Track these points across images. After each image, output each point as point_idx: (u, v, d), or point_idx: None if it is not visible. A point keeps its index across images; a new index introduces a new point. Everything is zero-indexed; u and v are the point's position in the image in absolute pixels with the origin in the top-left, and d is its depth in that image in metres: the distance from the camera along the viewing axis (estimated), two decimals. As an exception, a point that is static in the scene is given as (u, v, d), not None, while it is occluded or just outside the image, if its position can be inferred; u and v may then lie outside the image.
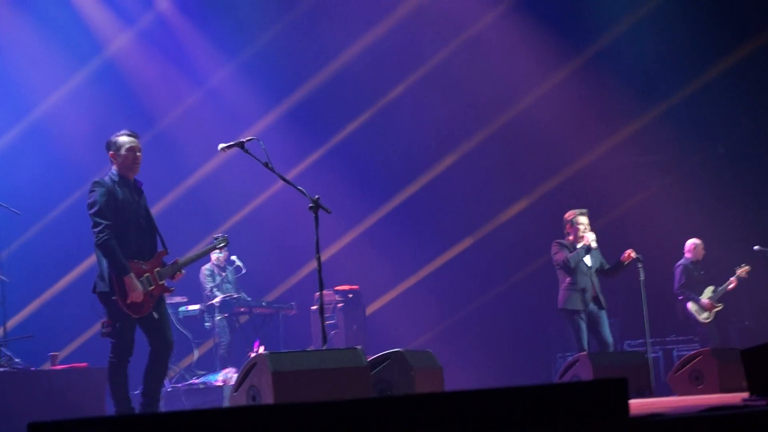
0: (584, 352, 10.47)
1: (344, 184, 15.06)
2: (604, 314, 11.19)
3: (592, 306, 11.15)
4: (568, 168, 15.52)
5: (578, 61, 15.42)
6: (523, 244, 15.67)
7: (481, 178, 15.82)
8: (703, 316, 13.37)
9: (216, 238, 8.82)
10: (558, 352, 15.19)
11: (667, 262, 13.91)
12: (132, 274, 7.47)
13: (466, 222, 16.00)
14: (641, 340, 12.12)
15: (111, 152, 7.72)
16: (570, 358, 10.59)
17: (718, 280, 13.51)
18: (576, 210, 11.44)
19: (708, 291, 13.47)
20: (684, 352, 13.14)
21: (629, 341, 14.35)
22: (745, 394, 5.53)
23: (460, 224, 16.02)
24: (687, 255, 13.66)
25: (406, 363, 7.92)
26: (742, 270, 13.40)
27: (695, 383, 10.22)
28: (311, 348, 13.09)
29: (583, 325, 11.07)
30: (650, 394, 10.08)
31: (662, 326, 14.37)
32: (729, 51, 15.25)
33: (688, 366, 10.38)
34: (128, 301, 7.45)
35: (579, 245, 11.23)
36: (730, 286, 13.41)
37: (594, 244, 11.21)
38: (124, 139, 7.75)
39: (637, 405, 7.00)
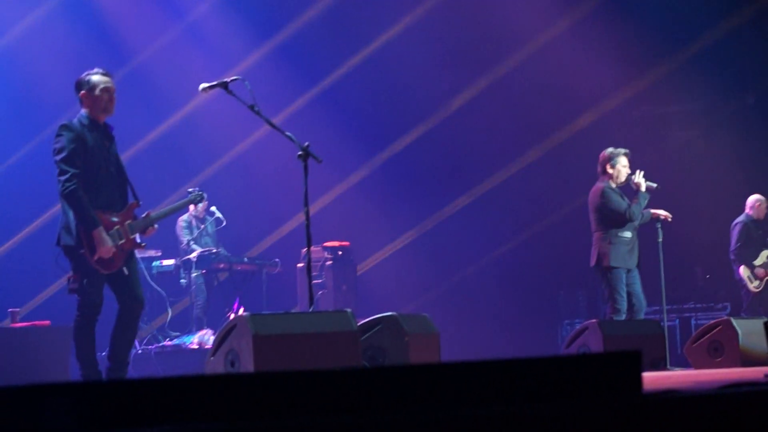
0: (622, 315, 10.47)
1: (336, 130, 15.03)
2: (638, 272, 10.98)
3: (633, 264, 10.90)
4: (581, 119, 15.47)
5: (595, -1, 15.35)
6: (530, 200, 15.69)
7: (486, 128, 15.77)
8: (754, 285, 13.19)
9: (190, 192, 8.79)
10: (565, 319, 15.26)
11: (688, 222, 13.90)
12: (101, 228, 7.45)
13: (467, 175, 15.98)
14: (657, 307, 12.15)
15: (83, 92, 7.65)
16: (578, 326, 10.63)
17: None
18: (616, 149, 10.89)
19: (763, 255, 13.26)
20: (703, 321, 13.18)
21: (643, 308, 14.41)
22: (767, 369, 5.56)
23: (461, 177, 16.01)
24: (748, 212, 13.31)
25: (400, 328, 7.94)
26: None
27: (714, 355, 10.27)
28: (296, 309, 13.13)
29: (624, 285, 10.73)
30: (665, 367, 10.13)
31: (680, 292, 14.41)
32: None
33: (706, 336, 10.42)
34: (96, 257, 7.44)
35: (639, 192, 10.75)
36: None
37: (654, 185, 10.88)
38: (98, 78, 7.68)
39: (651, 379, 7.03)
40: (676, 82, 15.52)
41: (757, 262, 13.22)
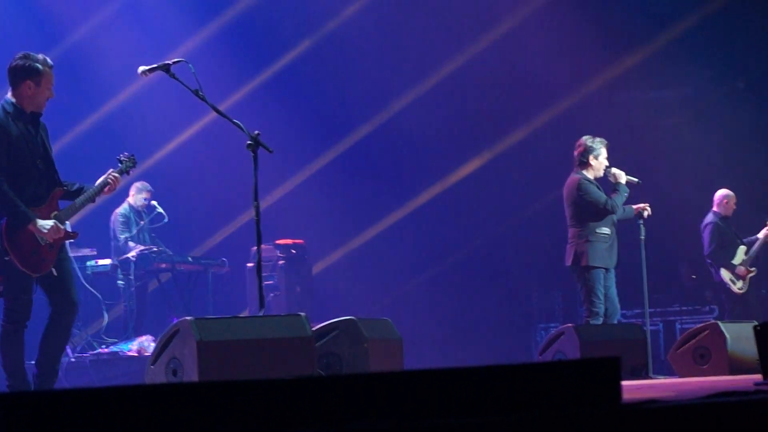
0: (600, 318, 10.52)
1: (290, 118, 15.01)
2: (614, 273, 11.01)
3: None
4: (556, 106, 15.52)
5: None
6: (501, 194, 15.72)
7: (450, 115, 15.80)
8: (738, 286, 13.28)
9: (121, 161, 8.47)
10: (540, 323, 15.32)
11: (673, 218, 13.99)
12: (36, 220, 7.40)
13: (432, 167, 16.00)
14: (639, 310, 12.23)
15: (28, 81, 7.53)
16: (554, 331, 10.68)
17: (744, 237, 13.47)
18: (594, 139, 10.89)
19: (740, 253, 13.34)
20: (689, 325, 13.27)
21: (624, 311, 14.45)
22: (758, 377, 5.61)
23: (426, 170, 16.01)
24: (716, 210, 13.46)
25: (359, 333, 7.95)
26: None
27: (700, 362, 10.34)
28: (246, 313, 13.11)
29: (602, 287, 10.73)
30: (647, 375, 10.20)
31: (664, 294, 14.49)
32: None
33: (692, 342, 10.49)
34: (51, 241, 7.41)
35: (617, 184, 10.77)
36: (763, 244, 13.32)
37: (635, 180, 10.90)
38: (47, 70, 7.59)
39: (631, 387, 7.08)
40: (661, 66, 15.60)
41: (736, 261, 13.32)
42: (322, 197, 15.60)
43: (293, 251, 13.99)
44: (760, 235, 13.34)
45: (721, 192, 13.51)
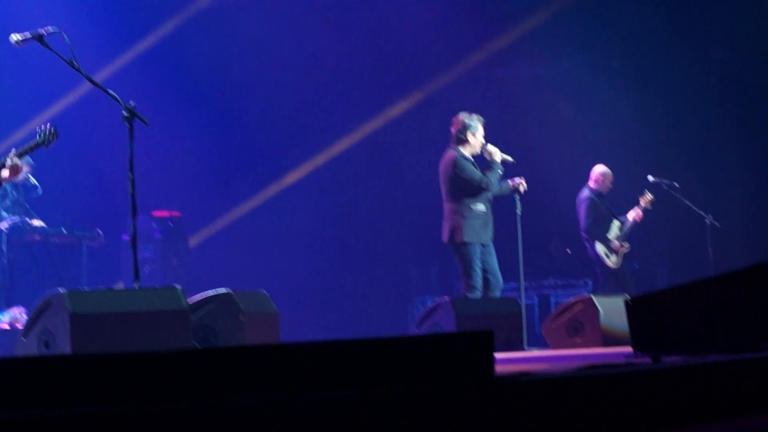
0: (477, 292, 10.62)
1: (166, 88, 14.84)
2: (493, 247, 11.14)
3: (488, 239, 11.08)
4: (434, 82, 15.58)
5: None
6: (377, 168, 15.76)
7: (329, 91, 15.78)
8: (612, 260, 13.43)
9: (41, 132, 8.30)
10: (417, 296, 15.40)
11: (548, 193, 14.14)
12: None
13: (310, 141, 15.97)
14: (514, 284, 12.36)
15: None
16: (431, 304, 10.76)
17: (618, 213, 13.66)
18: (471, 115, 11.03)
19: (615, 228, 13.50)
20: (563, 299, 13.46)
21: (499, 285, 14.64)
22: (628, 349, 5.72)
23: (304, 143, 15.98)
24: (592, 185, 13.58)
25: (235, 306, 7.95)
26: (646, 199, 13.52)
27: (574, 335, 10.51)
28: (120, 286, 12.98)
29: (479, 261, 10.89)
30: (521, 347, 10.33)
31: (539, 268, 14.67)
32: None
33: (566, 315, 10.65)
34: None
35: (493, 161, 10.91)
36: (637, 220, 13.50)
37: (509, 158, 11.05)
38: None
39: (506, 360, 7.18)
40: (538, 43, 15.73)
41: (611, 235, 13.49)
42: (199, 169, 15.48)
43: (170, 223, 13.90)
44: (632, 212, 13.53)
45: (599, 168, 13.65)
